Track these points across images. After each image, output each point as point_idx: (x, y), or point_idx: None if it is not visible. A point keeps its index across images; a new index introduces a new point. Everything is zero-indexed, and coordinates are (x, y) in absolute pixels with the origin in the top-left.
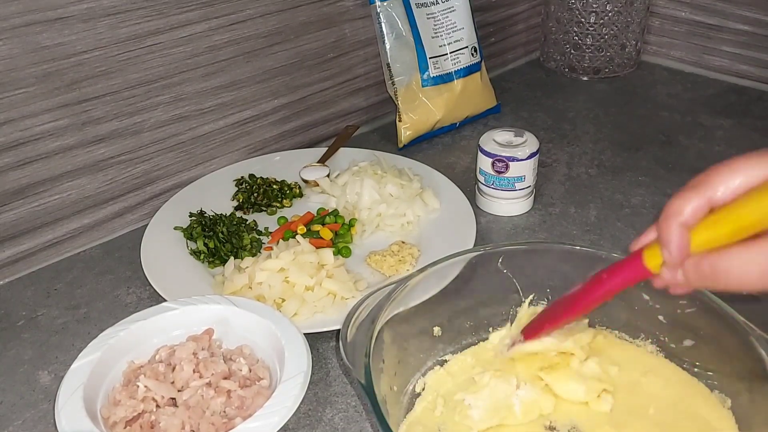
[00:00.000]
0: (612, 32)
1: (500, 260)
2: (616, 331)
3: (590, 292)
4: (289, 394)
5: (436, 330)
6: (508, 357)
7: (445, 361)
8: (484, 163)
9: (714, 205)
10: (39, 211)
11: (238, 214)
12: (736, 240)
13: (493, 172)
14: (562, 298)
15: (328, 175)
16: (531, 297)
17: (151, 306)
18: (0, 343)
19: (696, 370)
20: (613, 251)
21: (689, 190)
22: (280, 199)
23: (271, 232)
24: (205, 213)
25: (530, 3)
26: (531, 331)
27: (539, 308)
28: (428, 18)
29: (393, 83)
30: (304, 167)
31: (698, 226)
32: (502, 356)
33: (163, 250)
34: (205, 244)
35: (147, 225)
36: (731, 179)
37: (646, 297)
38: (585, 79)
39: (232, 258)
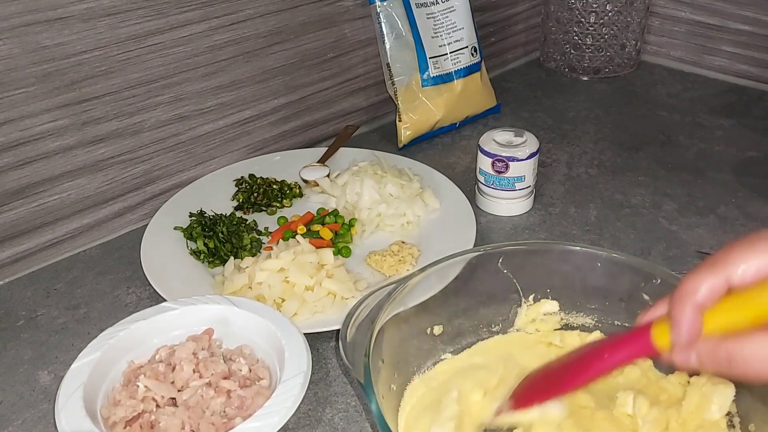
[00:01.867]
0: (612, 32)
1: (500, 260)
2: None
3: (590, 367)
4: (289, 394)
5: (437, 329)
6: (493, 423)
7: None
8: (484, 163)
9: (732, 284)
10: (39, 211)
11: (238, 214)
12: (756, 326)
13: (493, 172)
14: (558, 364)
15: (328, 175)
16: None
17: (151, 306)
18: (0, 343)
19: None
20: (613, 251)
21: (706, 268)
22: (280, 199)
23: (271, 232)
24: (205, 213)
25: (530, 3)
26: (521, 400)
27: (541, 305)
28: (428, 18)
29: (393, 83)
30: (304, 167)
31: (715, 308)
32: (488, 421)
33: (163, 250)
34: (205, 244)
35: (147, 225)
36: (751, 259)
37: (646, 297)
38: (585, 79)
39: (232, 258)
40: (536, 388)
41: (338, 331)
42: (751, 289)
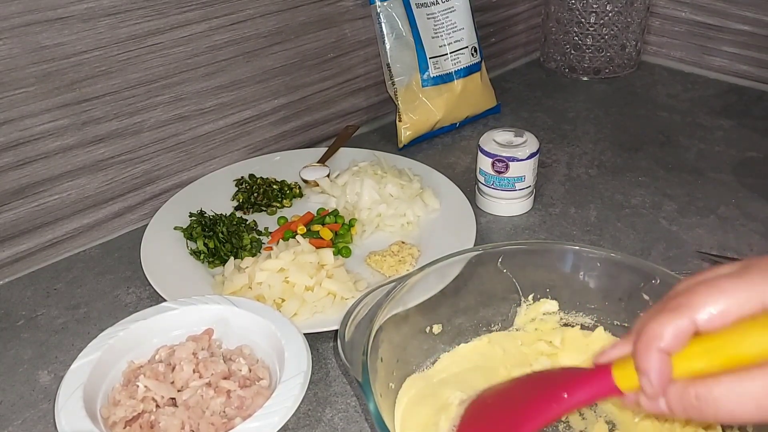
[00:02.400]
0: (612, 32)
1: (500, 260)
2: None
3: (548, 408)
4: (289, 394)
5: (436, 328)
6: None
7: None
8: (484, 163)
9: (699, 327)
10: (39, 211)
11: (238, 214)
12: (725, 369)
13: (493, 172)
14: (510, 399)
15: (328, 175)
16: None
17: (151, 306)
18: (0, 343)
19: None
20: (612, 251)
21: (669, 312)
22: (280, 199)
23: (271, 232)
24: (205, 213)
25: (530, 3)
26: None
27: (540, 305)
28: (428, 18)
29: (393, 83)
30: (304, 167)
31: (683, 353)
32: None
33: (163, 250)
34: (205, 244)
35: (147, 225)
36: (717, 302)
37: (646, 297)
38: (585, 79)
39: (232, 258)
40: (487, 427)
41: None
42: (718, 334)
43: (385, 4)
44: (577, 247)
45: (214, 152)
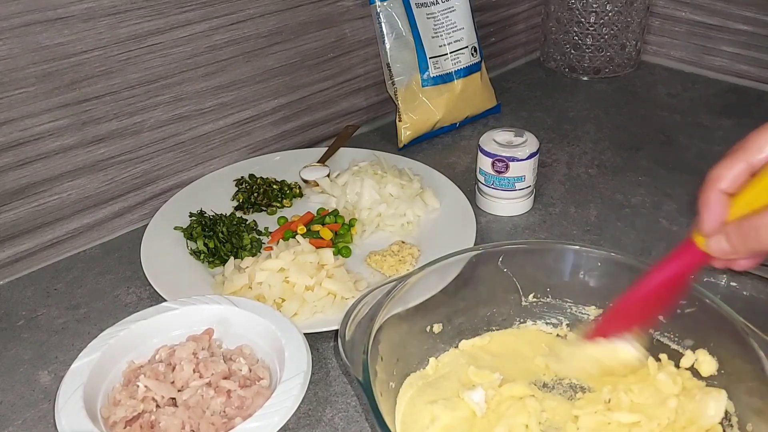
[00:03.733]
0: (612, 32)
1: (500, 259)
2: None
3: (655, 287)
4: (289, 394)
5: (436, 327)
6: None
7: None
8: (484, 163)
9: (754, 168)
10: (39, 211)
11: (238, 214)
12: None
13: (493, 172)
14: (623, 299)
15: (328, 175)
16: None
17: (151, 306)
18: (0, 343)
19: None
20: (612, 250)
21: (729, 156)
22: (280, 199)
23: (271, 232)
24: (205, 213)
25: (530, 3)
26: (597, 332)
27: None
28: (428, 18)
29: (393, 83)
30: (304, 167)
31: (740, 193)
32: (557, 366)
33: (163, 250)
34: (205, 244)
35: (147, 225)
36: (766, 141)
37: None
38: (585, 79)
39: (232, 258)
40: (612, 320)
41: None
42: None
43: (385, 4)
44: (577, 247)
45: (214, 152)
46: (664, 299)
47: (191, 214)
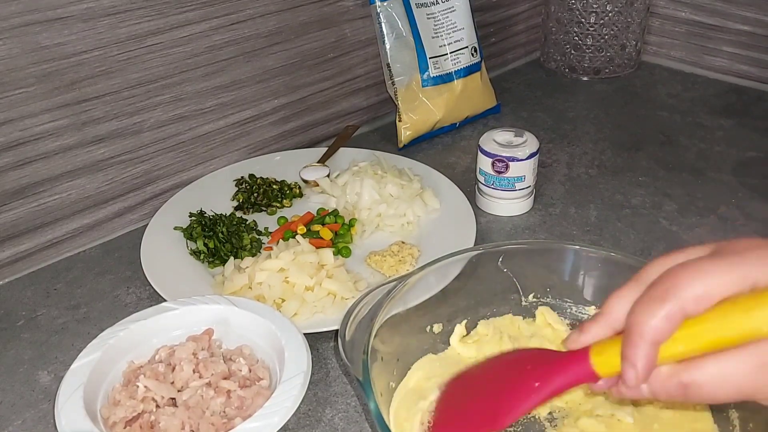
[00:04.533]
0: (612, 32)
1: (500, 259)
2: None
3: (520, 400)
4: (289, 394)
5: (436, 327)
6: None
7: None
8: (484, 163)
9: (688, 314)
10: (39, 211)
11: (238, 214)
12: (707, 351)
13: (493, 172)
14: (482, 389)
15: (328, 175)
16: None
17: (151, 306)
18: (0, 343)
19: None
20: (612, 250)
21: (657, 301)
22: (280, 199)
23: (271, 232)
24: (205, 213)
25: (530, 3)
26: (439, 428)
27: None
28: (428, 18)
29: (393, 83)
30: (304, 167)
31: (680, 333)
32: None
33: (163, 250)
34: (205, 244)
35: (147, 225)
36: (703, 285)
37: None
38: (585, 79)
39: (232, 258)
40: (461, 421)
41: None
42: (700, 318)
43: (385, 4)
44: (577, 247)
45: (214, 152)
46: (524, 412)
47: (191, 214)
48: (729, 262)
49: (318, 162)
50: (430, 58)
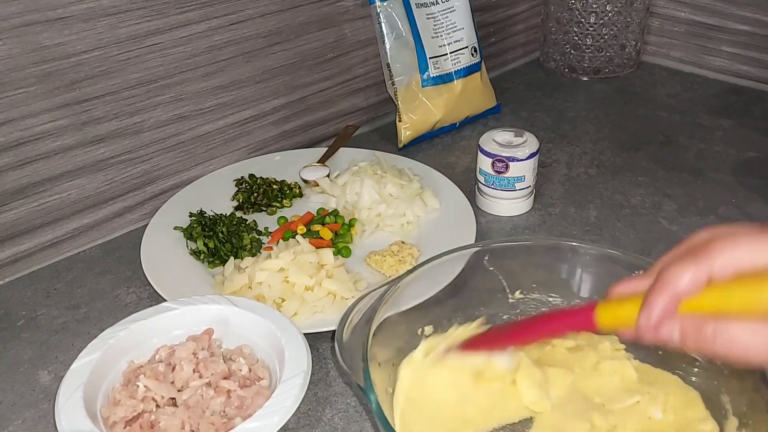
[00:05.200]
0: (612, 32)
1: (486, 258)
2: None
3: (534, 329)
4: (289, 394)
5: (428, 329)
6: (437, 360)
7: None
8: (484, 163)
9: (713, 276)
10: (39, 211)
11: (238, 214)
12: (739, 315)
13: (493, 172)
14: (504, 326)
15: (328, 175)
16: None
17: (151, 306)
18: (0, 343)
19: (694, 378)
20: (611, 248)
21: (689, 259)
22: (280, 199)
23: (271, 232)
24: (205, 213)
25: (530, 3)
26: (468, 345)
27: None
28: (428, 18)
29: (393, 83)
30: (304, 167)
31: (704, 293)
32: (432, 357)
33: (163, 250)
34: (205, 244)
35: (147, 225)
36: (732, 253)
37: None
38: (585, 79)
39: (232, 258)
40: (486, 339)
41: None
42: (727, 283)
43: (385, 4)
44: (557, 241)
45: (214, 152)
46: (535, 339)
47: (191, 214)
48: (763, 237)
49: (318, 162)
50: (430, 58)
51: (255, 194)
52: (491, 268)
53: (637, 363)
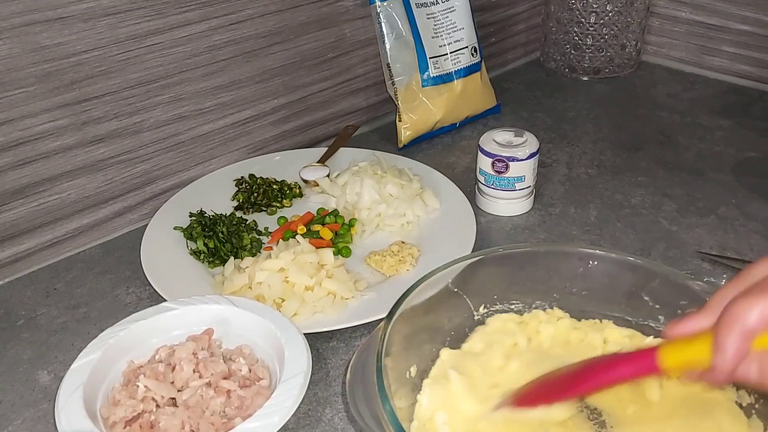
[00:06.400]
0: (612, 32)
1: (450, 281)
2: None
3: (592, 378)
4: (289, 394)
5: (413, 370)
6: (490, 416)
7: None
8: (484, 163)
9: None
10: (39, 211)
11: (238, 214)
12: None
13: (493, 172)
14: (564, 372)
15: (328, 175)
16: None
17: (151, 306)
18: (0, 343)
19: None
20: (611, 250)
21: (755, 292)
22: (280, 199)
23: (271, 232)
24: (205, 213)
25: (530, 3)
26: (522, 400)
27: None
28: (428, 18)
29: (393, 83)
30: (304, 167)
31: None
32: (486, 415)
33: (163, 250)
34: (205, 244)
35: (147, 225)
36: None
37: (646, 298)
38: (585, 79)
39: (232, 258)
40: (540, 391)
41: (338, 331)
42: None
43: (385, 4)
44: (579, 249)
45: (214, 152)
46: (595, 390)
47: (191, 214)
48: None
49: (318, 162)
50: (430, 58)
51: (255, 194)
52: (455, 290)
53: None
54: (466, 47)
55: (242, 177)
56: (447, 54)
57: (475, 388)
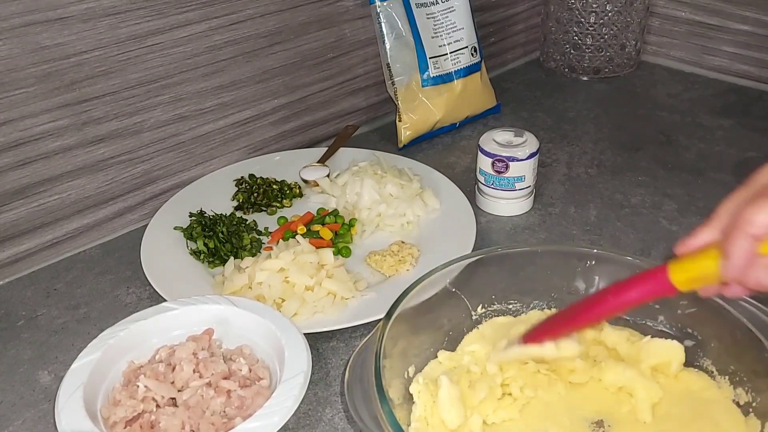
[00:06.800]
0: (612, 32)
1: (448, 281)
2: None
3: (603, 303)
4: (289, 394)
5: (411, 369)
6: (502, 358)
7: None
8: (484, 163)
9: None
10: (39, 211)
11: (238, 214)
12: None
13: (493, 172)
14: (571, 306)
15: (328, 175)
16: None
17: (151, 306)
18: (0, 343)
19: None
20: (612, 249)
21: (761, 199)
22: (280, 199)
23: (271, 232)
24: (205, 213)
25: (530, 3)
26: (532, 336)
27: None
28: (428, 18)
29: (393, 83)
30: (304, 167)
31: None
32: (495, 357)
33: (163, 250)
34: (205, 244)
35: (147, 225)
36: None
37: None
38: (585, 79)
39: (232, 258)
40: (548, 326)
41: (338, 331)
42: None
43: (385, 4)
44: (575, 248)
45: (214, 152)
46: (607, 314)
47: (191, 214)
48: None
49: (318, 162)
50: (430, 58)
51: (255, 194)
52: (453, 290)
53: None
54: (466, 47)
55: (242, 177)
56: (447, 54)
57: (463, 400)
